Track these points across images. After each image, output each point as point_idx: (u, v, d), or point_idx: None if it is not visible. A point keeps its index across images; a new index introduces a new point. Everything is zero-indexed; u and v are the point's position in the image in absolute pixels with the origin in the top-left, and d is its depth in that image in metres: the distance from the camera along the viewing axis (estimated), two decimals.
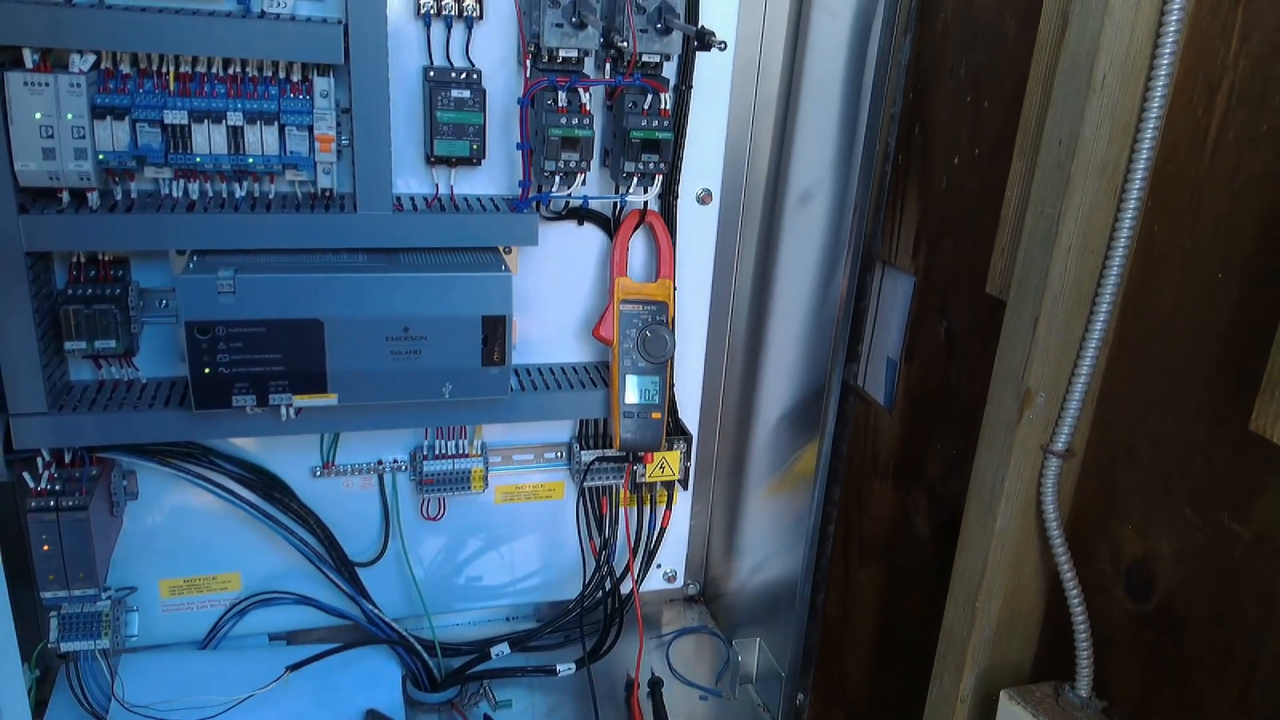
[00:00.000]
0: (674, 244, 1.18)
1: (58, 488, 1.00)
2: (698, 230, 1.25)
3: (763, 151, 1.22)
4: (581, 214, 1.17)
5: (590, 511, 1.28)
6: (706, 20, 1.09)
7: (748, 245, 1.27)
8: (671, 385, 1.22)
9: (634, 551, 1.29)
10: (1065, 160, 0.72)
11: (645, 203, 1.16)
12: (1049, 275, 0.74)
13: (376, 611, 1.22)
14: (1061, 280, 0.74)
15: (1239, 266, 0.66)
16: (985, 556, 0.82)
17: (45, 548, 0.99)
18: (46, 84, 0.89)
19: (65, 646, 1.06)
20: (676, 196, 1.18)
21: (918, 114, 0.99)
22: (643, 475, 1.25)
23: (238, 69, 0.96)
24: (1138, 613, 0.76)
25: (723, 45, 0.96)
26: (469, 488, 1.22)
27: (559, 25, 1.00)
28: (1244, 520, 0.66)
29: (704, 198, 1.24)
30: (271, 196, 1.02)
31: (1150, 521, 0.74)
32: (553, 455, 1.29)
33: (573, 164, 1.04)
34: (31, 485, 0.99)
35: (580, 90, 1.04)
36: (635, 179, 1.09)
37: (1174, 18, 0.66)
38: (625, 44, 1.01)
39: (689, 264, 1.25)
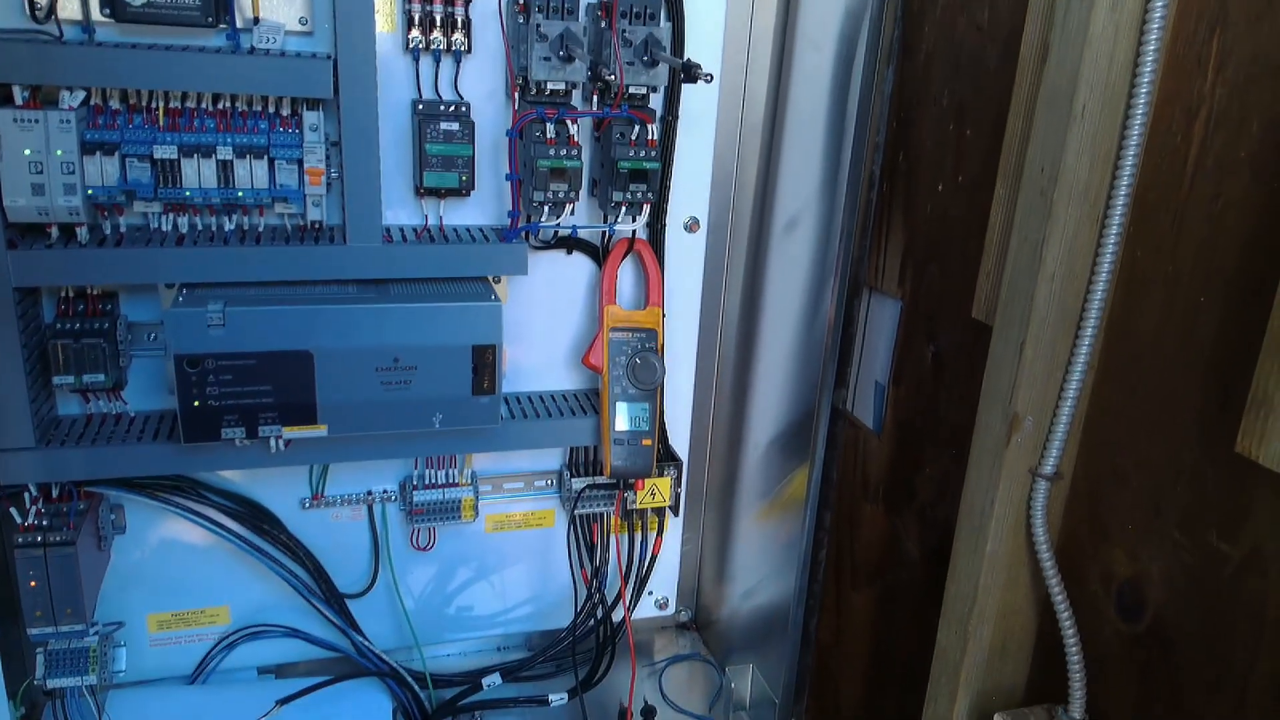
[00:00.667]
0: (662, 272, 1.19)
1: (45, 523, 0.99)
2: (686, 258, 1.26)
3: (749, 180, 1.23)
4: (570, 243, 1.18)
5: (581, 539, 1.28)
6: (691, 52, 1.11)
7: (735, 272, 1.28)
8: (661, 412, 1.23)
9: (625, 579, 1.28)
10: (1048, 187, 0.73)
11: (634, 231, 1.17)
12: (1034, 300, 0.75)
13: (367, 643, 1.21)
14: (1047, 305, 0.75)
15: (1221, 289, 0.67)
16: (976, 580, 0.83)
17: (32, 584, 0.98)
18: (36, 120, 0.89)
19: (52, 683, 1.04)
20: (664, 225, 1.18)
21: (902, 142, 1.00)
22: (633, 502, 1.25)
23: (227, 104, 0.97)
24: (1129, 633, 0.76)
25: (709, 78, 0.98)
26: (459, 517, 1.21)
27: (546, 59, 1.01)
28: (1233, 540, 0.67)
29: (691, 226, 1.24)
30: (261, 229, 1.02)
31: (1140, 543, 0.75)
32: (543, 483, 1.29)
33: (561, 194, 1.05)
34: (18, 520, 0.99)
35: (568, 122, 1.05)
36: (623, 208, 1.10)
37: (1151, 48, 0.67)
38: (613, 77, 1.03)
39: (677, 291, 1.26)
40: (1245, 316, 0.65)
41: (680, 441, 1.35)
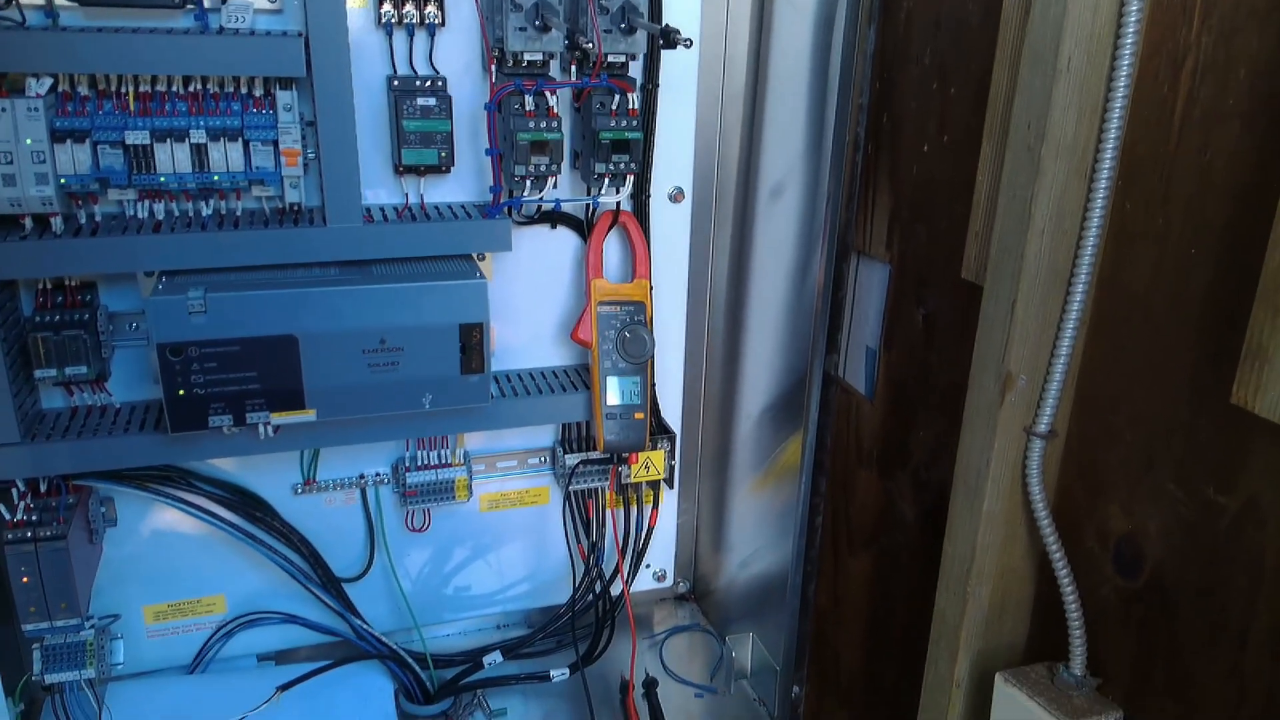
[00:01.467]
0: (648, 243, 1.18)
1: (34, 518, 0.98)
2: (671, 228, 1.24)
3: (732, 147, 1.22)
4: (554, 217, 1.16)
5: (577, 515, 1.28)
6: (669, 18, 1.09)
7: (722, 241, 1.27)
8: (652, 385, 1.22)
9: (622, 553, 1.28)
10: (1035, 143, 0.72)
11: (618, 203, 1.15)
12: (1024, 258, 0.74)
13: (365, 627, 1.20)
14: (1037, 262, 0.74)
15: (1212, 241, 0.66)
16: (974, 540, 0.82)
17: (25, 579, 0.97)
18: (3, 109, 0.87)
19: (50, 678, 1.04)
20: (648, 195, 1.17)
21: (885, 103, 0.99)
22: (628, 476, 1.24)
23: (198, 86, 0.95)
24: (1127, 589, 0.76)
25: (688, 43, 0.96)
26: (453, 497, 1.21)
27: (522, 29, 0.99)
28: (1229, 492, 0.67)
29: (676, 196, 1.23)
30: (239, 213, 1.01)
31: (1135, 498, 0.74)
32: (536, 460, 1.28)
33: (543, 168, 1.03)
34: (7, 517, 0.98)
35: (547, 93, 1.03)
36: (606, 180, 1.08)
37: None
38: (590, 45, 1.01)
39: (664, 262, 1.25)
40: (1236, 268, 0.64)
41: (672, 413, 1.34)
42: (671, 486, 1.31)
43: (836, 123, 1.00)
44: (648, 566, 1.42)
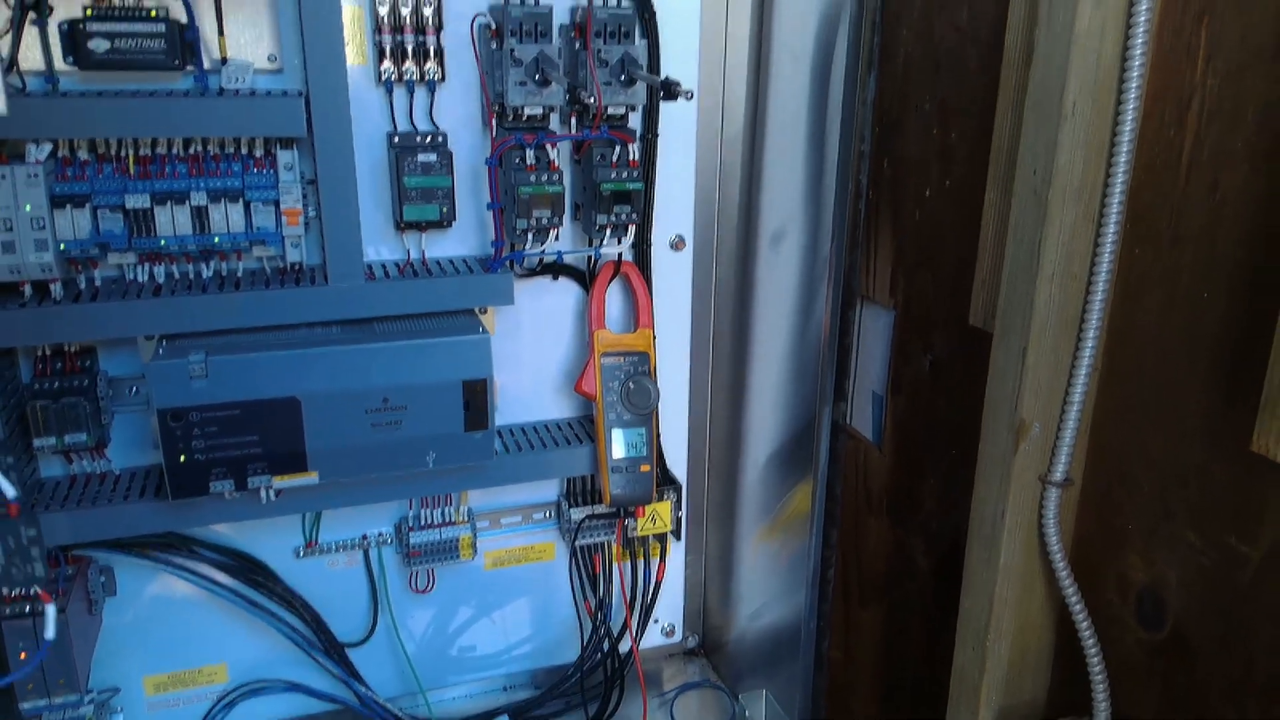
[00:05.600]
0: (651, 292, 1.17)
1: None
2: (673, 277, 1.24)
3: (732, 194, 1.22)
4: (556, 269, 1.16)
5: (583, 570, 1.26)
6: (668, 68, 1.09)
7: (724, 288, 1.27)
8: (658, 435, 1.21)
9: (630, 608, 1.26)
10: (1041, 189, 0.71)
11: (620, 253, 1.15)
12: (1034, 304, 0.73)
13: (370, 694, 1.18)
14: (1047, 308, 0.73)
15: (1223, 282, 0.66)
16: (991, 593, 0.80)
17: (22, 655, 0.95)
18: (3, 176, 0.87)
19: None
20: (650, 245, 1.17)
21: (886, 149, 0.99)
22: (634, 530, 1.22)
23: (198, 148, 0.95)
24: (1150, 641, 0.74)
25: (689, 95, 0.96)
26: (457, 556, 1.19)
27: (523, 84, 0.99)
28: (1252, 541, 0.65)
29: (677, 244, 1.23)
30: (240, 274, 1.00)
31: (1154, 547, 0.73)
32: (541, 515, 1.26)
33: (545, 221, 1.03)
34: (5, 591, 0.96)
35: (548, 146, 1.03)
36: (608, 231, 1.08)
37: (1139, 40, 0.66)
38: (591, 99, 1.01)
39: (667, 311, 1.24)
40: (1248, 310, 0.64)
41: (678, 463, 1.33)
42: (679, 538, 1.29)
43: (839, 171, 1.00)
44: (656, 621, 1.40)
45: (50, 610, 0.91)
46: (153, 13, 0.90)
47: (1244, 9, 0.62)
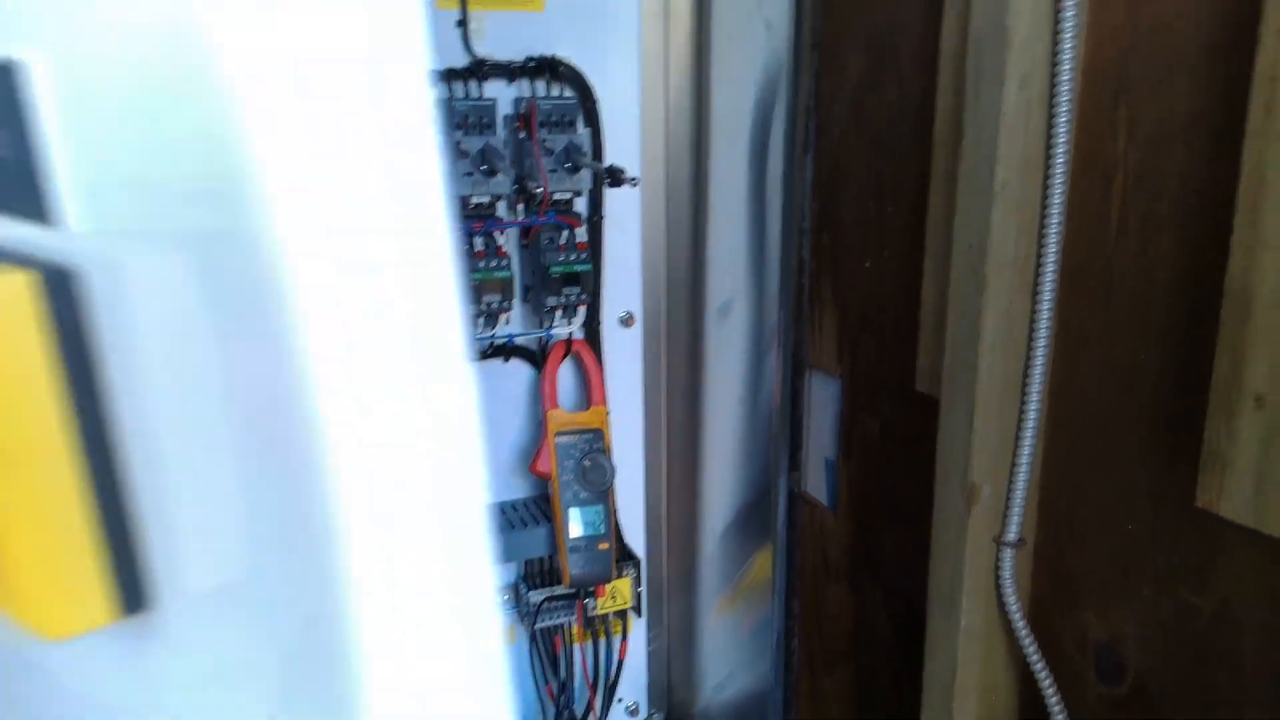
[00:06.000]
0: (603, 369, 1.18)
1: None
2: (624, 353, 1.25)
3: (679, 270, 1.24)
4: (507, 350, 1.16)
5: (543, 653, 1.24)
6: (612, 154, 1.11)
7: (675, 362, 1.28)
8: (615, 512, 1.21)
9: (594, 689, 1.24)
10: (978, 263, 0.74)
11: (570, 333, 1.16)
12: (977, 372, 0.76)
13: None
14: (990, 375, 0.76)
15: (1157, 342, 0.69)
16: (954, 655, 0.81)
17: None
18: None
19: None
20: (600, 323, 1.18)
21: (825, 223, 1.02)
22: (594, 609, 1.21)
23: None
24: (1111, 696, 0.76)
25: (634, 181, 0.98)
26: None
27: (469, 174, 1.01)
28: (1202, 593, 0.67)
29: (627, 320, 1.24)
30: None
31: (1110, 603, 0.75)
32: (499, 599, 1.25)
33: (495, 305, 1.04)
34: None
35: (495, 233, 1.05)
36: (559, 312, 1.09)
37: (1063, 120, 0.70)
38: (539, 189, 1.03)
39: (619, 387, 1.25)
40: (1183, 369, 0.66)
41: (635, 538, 1.32)
42: (640, 614, 1.29)
43: (782, 244, 1.03)
44: (620, 700, 1.38)
45: None
46: None
47: (1158, 88, 0.66)
